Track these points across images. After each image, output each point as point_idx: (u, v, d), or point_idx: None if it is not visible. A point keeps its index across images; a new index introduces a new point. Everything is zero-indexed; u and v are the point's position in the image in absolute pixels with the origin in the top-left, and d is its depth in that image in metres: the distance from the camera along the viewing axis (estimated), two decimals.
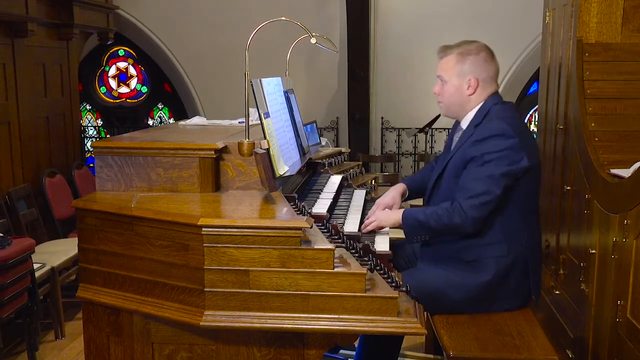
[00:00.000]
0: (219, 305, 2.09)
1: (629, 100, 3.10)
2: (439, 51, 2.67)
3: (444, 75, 2.64)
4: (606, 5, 3.18)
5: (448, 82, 2.62)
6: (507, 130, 2.45)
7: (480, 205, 2.42)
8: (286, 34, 3.98)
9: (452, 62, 2.61)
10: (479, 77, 2.58)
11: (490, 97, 2.61)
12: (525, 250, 2.55)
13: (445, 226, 2.48)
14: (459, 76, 2.59)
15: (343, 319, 2.05)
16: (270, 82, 2.82)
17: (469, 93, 2.60)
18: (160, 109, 8.45)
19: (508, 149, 2.43)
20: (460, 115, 2.67)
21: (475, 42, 2.64)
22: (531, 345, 2.31)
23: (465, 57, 2.59)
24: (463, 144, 2.57)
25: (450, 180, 2.59)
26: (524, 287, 2.58)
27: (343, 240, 2.37)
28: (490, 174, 2.43)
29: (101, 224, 2.32)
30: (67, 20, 5.66)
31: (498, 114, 2.54)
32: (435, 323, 2.49)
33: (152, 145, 2.48)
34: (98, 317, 2.38)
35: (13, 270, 3.36)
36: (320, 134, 5.31)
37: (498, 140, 2.44)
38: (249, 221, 2.07)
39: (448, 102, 2.66)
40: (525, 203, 2.55)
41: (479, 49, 2.60)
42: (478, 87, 2.59)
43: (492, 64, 2.62)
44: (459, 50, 2.61)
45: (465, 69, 2.59)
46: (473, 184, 2.45)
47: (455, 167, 2.57)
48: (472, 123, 2.60)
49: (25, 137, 5.08)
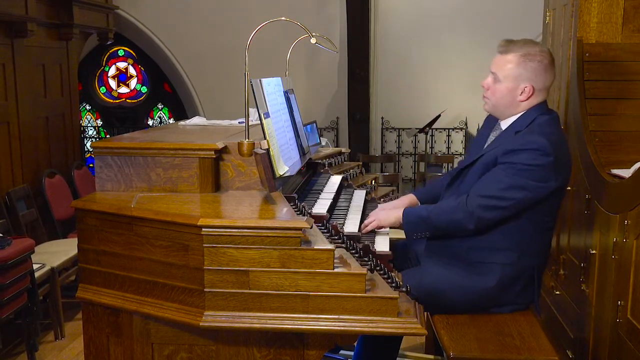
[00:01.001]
0: (219, 305, 2.08)
1: (629, 101, 3.10)
2: (500, 44, 2.50)
3: (499, 74, 2.48)
4: (606, 5, 3.18)
5: (502, 83, 2.48)
6: (545, 147, 2.34)
7: (489, 207, 2.37)
8: (286, 34, 3.97)
9: (512, 63, 2.44)
10: (536, 86, 2.45)
11: (537, 105, 2.49)
12: (534, 263, 2.51)
13: (447, 222, 2.45)
14: (516, 80, 2.45)
15: (343, 319, 2.04)
16: (270, 82, 2.82)
17: (521, 99, 2.47)
18: (160, 109, 8.45)
19: (541, 166, 2.34)
20: (504, 116, 2.56)
21: (539, 46, 2.48)
22: (531, 345, 2.30)
23: (528, 62, 2.43)
24: (498, 146, 2.47)
25: (474, 177, 2.50)
26: (526, 296, 2.56)
27: (343, 241, 2.36)
28: (512, 182, 2.35)
29: (101, 224, 2.31)
30: (67, 21, 5.65)
31: (541, 127, 2.42)
32: (436, 323, 2.49)
33: (152, 146, 2.48)
34: (98, 318, 2.38)
35: (13, 271, 3.36)
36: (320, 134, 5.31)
37: (534, 155, 2.34)
38: (248, 221, 2.07)
39: (496, 101, 2.53)
40: (544, 220, 2.48)
41: (542, 56, 2.44)
42: (532, 95, 2.47)
43: (551, 73, 2.48)
44: (522, 51, 2.44)
45: (524, 75, 2.44)
46: (490, 185, 2.39)
47: (484, 164, 2.48)
48: (513, 127, 2.49)
49: (25, 138, 5.07)
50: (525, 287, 2.53)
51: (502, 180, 2.37)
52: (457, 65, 6.95)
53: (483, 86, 2.56)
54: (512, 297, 2.52)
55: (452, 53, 7.00)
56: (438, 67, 7.12)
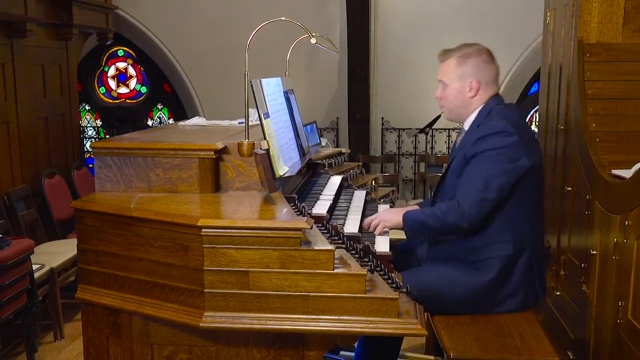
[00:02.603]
0: (219, 306, 2.08)
1: (630, 101, 3.10)
2: (439, 55, 2.68)
3: (445, 79, 2.65)
4: (607, 5, 3.17)
5: (449, 86, 2.63)
6: (507, 128, 2.46)
7: (478, 202, 2.43)
8: (286, 34, 3.97)
9: (453, 66, 2.62)
10: (481, 80, 2.60)
11: (491, 99, 2.62)
12: (529, 250, 2.54)
13: (443, 225, 2.49)
14: (460, 79, 2.61)
15: (343, 320, 2.04)
16: (270, 82, 2.81)
17: (470, 95, 2.61)
18: (159, 109, 8.44)
19: (509, 146, 2.44)
20: (463, 117, 2.68)
21: (475, 45, 2.65)
22: (532, 346, 2.30)
23: (466, 59, 2.60)
24: (465, 144, 2.57)
25: (454, 179, 2.60)
26: (528, 288, 2.56)
27: (343, 241, 2.36)
28: (490, 171, 2.43)
29: (100, 225, 2.31)
30: (67, 21, 5.65)
31: (499, 113, 2.56)
32: (436, 324, 2.48)
33: (152, 146, 2.48)
34: (97, 318, 2.38)
35: (12, 271, 3.35)
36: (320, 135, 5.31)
37: (498, 138, 2.45)
38: (248, 222, 2.06)
39: (450, 106, 2.67)
40: (528, 203, 2.54)
41: (479, 52, 2.61)
42: (480, 89, 2.60)
43: (492, 65, 2.63)
44: (459, 53, 2.62)
45: (466, 72, 2.60)
46: (472, 182, 2.46)
47: (457, 165, 2.58)
48: (474, 124, 2.61)
49: (24, 138, 5.07)
50: (524, 280, 2.54)
51: (480, 172, 2.45)
52: None
53: (436, 97, 2.71)
54: (512, 291, 2.53)
55: None
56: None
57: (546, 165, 3.82)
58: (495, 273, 2.49)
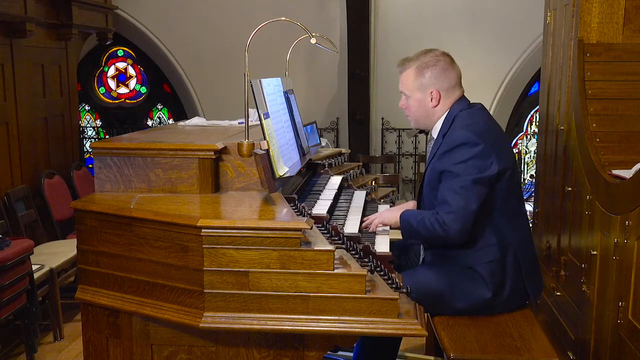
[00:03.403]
0: (219, 306, 2.08)
1: (630, 101, 3.10)
2: (398, 65, 2.66)
3: (405, 91, 2.64)
4: (607, 5, 3.17)
5: (411, 97, 2.62)
6: (470, 138, 2.43)
7: (460, 217, 2.41)
8: (286, 34, 3.96)
9: (411, 77, 2.60)
10: (440, 88, 2.58)
11: (455, 104, 2.60)
12: (515, 252, 2.54)
13: (433, 237, 2.49)
14: (421, 90, 2.59)
15: (343, 320, 2.04)
16: (270, 82, 2.81)
17: (432, 105, 2.60)
18: (159, 109, 8.44)
19: (474, 157, 2.42)
20: (429, 125, 2.68)
21: (431, 52, 2.62)
22: (532, 347, 2.30)
23: (423, 70, 2.58)
24: (435, 154, 2.57)
25: (428, 192, 2.61)
26: (520, 290, 2.56)
27: (343, 242, 2.36)
28: (462, 185, 2.41)
29: (100, 225, 2.31)
30: (66, 21, 5.64)
31: (462, 121, 2.52)
32: (436, 325, 2.48)
33: (152, 146, 2.47)
34: (97, 319, 2.37)
35: (11, 272, 3.35)
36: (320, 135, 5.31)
37: (463, 150, 2.43)
38: (248, 222, 2.06)
39: (414, 116, 2.67)
40: (507, 205, 2.52)
41: (435, 60, 2.58)
42: (441, 97, 2.58)
43: (452, 71, 2.60)
44: (416, 64, 2.59)
45: (425, 82, 2.58)
46: (450, 198, 2.43)
47: (430, 179, 2.59)
48: (440, 132, 2.60)
49: (24, 138, 5.06)
50: (516, 283, 2.54)
51: (453, 187, 2.43)
52: None
53: (401, 107, 2.69)
54: (506, 297, 2.53)
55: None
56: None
57: (546, 165, 3.82)
58: (491, 289, 2.49)
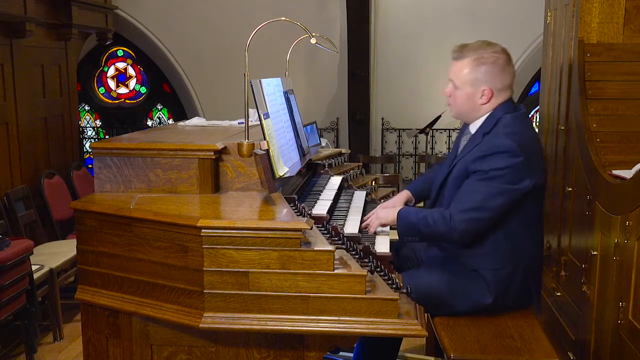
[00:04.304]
0: (219, 307, 2.07)
1: (630, 101, 3.09)
2: (453, 51, 2.52)
3: (456, 81, 2.51)
4: (608, 5, 3.17)
5: (460, 89, 2.50)
6: (513, 148, 2.36)
7: (470, 220, 2.38)
8: (286, 34, 3.96)
9: (466, 69, 2.47)
10: (494, 87, 2.47)
11: (501, 105, 2.51)
12: (526, 261, 2.51)
13: (432, 233, 2.46)
14: (473, 84, 2.47)
15: (343, 320, 2.03)
16: (270, 82, 2.81)
17: (481, 102, 2.50)
18: (159, 109, 8.44)
19: (512, 167, 2.35)
20: (470, 120, 2.59)
21: (492, 47, 2.49)
22: (532, 347, 2.29)
23: (481, 65, 2.45)
24: (470, 151, 2.50)
25: (452, 188, 2.53)
26: (524, 295, 2.55)
27: (343, 242, 2.35)
28: (488, 190, 2.36)
29: (100, 225, 2.30)
30: (66, 21, 5.64)
31: (507, 127, 2.43)
32: (436, 325, 2.48)
33: (151, 146, 2.47)
34: (97, 319, 2.37)
35: (11, 272, 3.35)
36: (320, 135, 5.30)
37: (503, 158, 2.36)
38: (248, 222, 2.06)
39: (459, 109, 2.57)
40: (529, 218, 2.49)
41: (495, 57, 2.46)
42: (492, 97, 2.49)
43: (508, 72, 2.49)
44: (474, 55, 2.46)
45: (479, 78, 2.46)
46: (469, 197, 2.39)
47: (458, 175, 2.51)
48: (481, 129, 2.51)
49: (24, 138, 5.06)
50: (521, 290, 2.52)
51: (479, 191, 2.38)
52: None
53: (445, 95, 2.59)
54: (510, 302, 2.52)
55: None
56: (438, 67, 7.11)
57: (547, 165, 3.81)
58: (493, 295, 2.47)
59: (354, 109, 7.14)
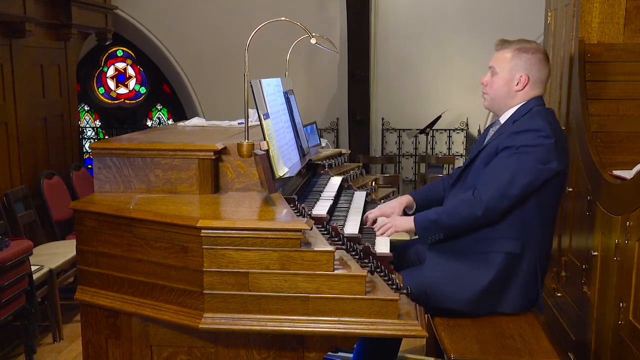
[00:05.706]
0: (218, 307, 2.07)
1: (631, 101, 3.09)
2: (497, 43, 2.65)
3: (496, 67, 2.61)
4: (608, 5, 3.17)
5: (499, 74, 2.59)
6: (545, 128, 2.43)
7: (499, 196, 2.40)
8: (286, 34, 3.96)
9: (508, 55, 2.59)
10: (531, 75, 2.56)
11: (534, 99, 2.59)
12: (536, 252, 2.51)
13: (457, 220, 2.47)
14: (511, 70, 2.57)
15: (343, 321, 2.03)
16: (269, 82, 2.80)
17: (517, 89, 2.57)
18: (159, 109, 8.44)
19: (542, 146, 2.41)
20: (502, 109, 2.64)
21: (534, 42, 2.63)
22: (533, 348, 2.29)
23: (522, 53, 2.57)
24: (499, 136, 2.55)
25: (480, 169, 2.55)
26: (530, 290, 2.54)
27: (343, 242, 2.35)
28: (517, 167, 2.40)
29: (99, 226, 2.30)
30: (65, 21, 5.64)
31: (540, 114, 2.52)
32: (436, 325, 2.47)
33: (151, 147, 2.47)
34: (96, 320, 2.36)
35: (10, 273, 3.34)
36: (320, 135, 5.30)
37: (534, 135, 2.42)
38: (248, 223, 2.05)
39: (494, 94, 2.63)
40: (547, 206, 2.50)
41: (536, 50, 2.59)
42: (527, 85, 2.56)
43: (546, 67, 2.60)
44: (517, 46, 2.59)
45: (519, 65, 2.56)
46: (497, 174, 2.43)
47: (487, 155, 2.54)
48: (511, 118, 2.58)
49: (23, 138, 5.06)
50: (527, 282, 2.51)
51: (507, 166, 2.42)
52: (457, 66, 6.94)
53: (482, 83, 2.66)
54: (515, 292, 2.50)
55: (452, 53, 6.99)
56: (438, 67, 7.11)
57: None
58: (496, 272, 2.45)
59: (354, 109, 7.14)
